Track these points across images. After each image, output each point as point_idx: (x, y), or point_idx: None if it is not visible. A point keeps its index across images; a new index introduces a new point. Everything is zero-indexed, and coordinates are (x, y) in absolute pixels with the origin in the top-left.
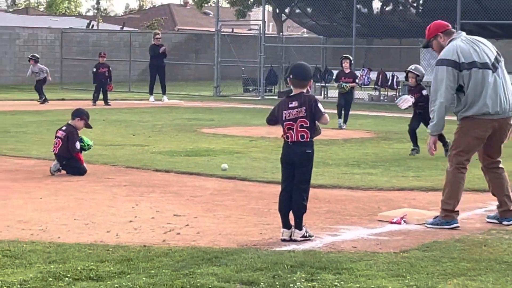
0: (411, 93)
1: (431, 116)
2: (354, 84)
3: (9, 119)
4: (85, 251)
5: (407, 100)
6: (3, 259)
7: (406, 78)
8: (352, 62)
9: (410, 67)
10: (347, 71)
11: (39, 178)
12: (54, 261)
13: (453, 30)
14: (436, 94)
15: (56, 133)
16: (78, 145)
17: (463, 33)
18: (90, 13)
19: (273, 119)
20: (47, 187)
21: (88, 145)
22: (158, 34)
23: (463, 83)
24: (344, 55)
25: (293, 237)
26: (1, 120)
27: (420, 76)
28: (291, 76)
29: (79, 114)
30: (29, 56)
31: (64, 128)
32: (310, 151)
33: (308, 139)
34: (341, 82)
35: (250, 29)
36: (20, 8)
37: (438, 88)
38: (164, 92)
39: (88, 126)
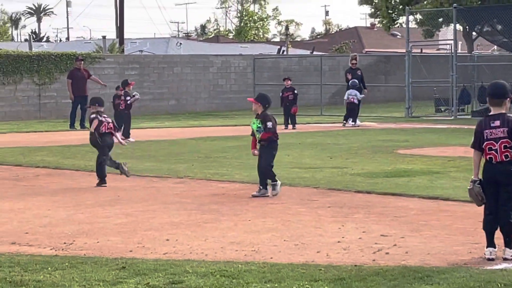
0: None
1: None
2: None
3: (209, 145)
4: (298, 271)
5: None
6: (221, 279)
7: None
8: None
9: None
10: None
11: (245, 201)
12: (270, 281)
13: None
14: None
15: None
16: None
17: None
18: (277, 39)
19: (477, 143)
20: (254, 210)
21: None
22: (355, 58)
23: None
24: None
25: (504, 256)
26: (202, 146)
27: None
28: (489, 96)
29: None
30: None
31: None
32: None
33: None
34: None
35: (438, 49)
36: (210, 36)
37: None
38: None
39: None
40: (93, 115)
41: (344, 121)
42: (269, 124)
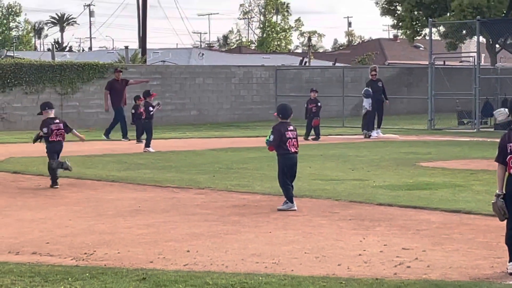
0: None
1: None
2: None
3: (230, 156)
4: (319, 284)
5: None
6: None
7: None
8: None
9: None
10: None
11: (266, 213)
12: None
13: None
14: None
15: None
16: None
17: None
18: (299, 50)
19: (501, 157)
20: (275, 222)
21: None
22: (374, 70)
23: None
24: None
25: None
26: (223, 157)
27: None
28: (511, 110)
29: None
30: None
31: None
32: None
33: None
34: None
35: (461, 61)
36: (233, 47)
37: None
38: (378, 126)
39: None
40: (45, 129)
41: (365, 131)
42: (271, 137)
